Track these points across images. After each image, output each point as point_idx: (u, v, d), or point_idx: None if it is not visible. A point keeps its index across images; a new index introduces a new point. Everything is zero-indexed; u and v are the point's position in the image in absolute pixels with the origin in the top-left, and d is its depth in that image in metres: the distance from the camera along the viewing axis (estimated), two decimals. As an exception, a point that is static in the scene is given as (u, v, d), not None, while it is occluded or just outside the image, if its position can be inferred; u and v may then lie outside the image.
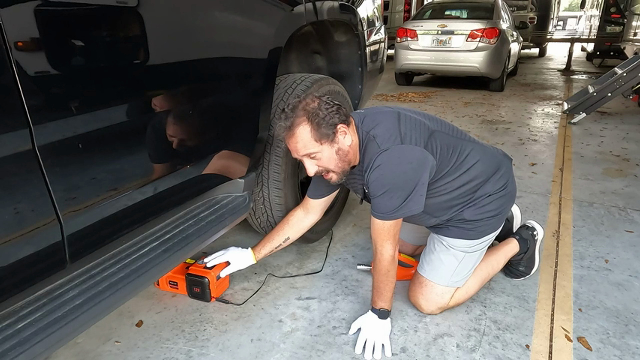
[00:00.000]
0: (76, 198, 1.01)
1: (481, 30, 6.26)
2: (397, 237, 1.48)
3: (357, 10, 2.32)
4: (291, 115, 1.37)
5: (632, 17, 7.32)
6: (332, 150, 1.40)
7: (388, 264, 1.47)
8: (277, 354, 1.47)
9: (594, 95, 4.66)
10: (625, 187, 2.89)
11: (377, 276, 1.50)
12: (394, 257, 1.48)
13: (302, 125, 1.36)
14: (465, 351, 1.48)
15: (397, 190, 1.39)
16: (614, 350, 1.48)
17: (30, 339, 0.95)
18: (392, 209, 1.41)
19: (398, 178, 1.39)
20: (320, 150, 1.39)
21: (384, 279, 1.49)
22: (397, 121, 1.45)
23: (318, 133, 1.36)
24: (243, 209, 1.63)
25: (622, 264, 1.98)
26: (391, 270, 1.48)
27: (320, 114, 1.36)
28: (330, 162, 1.42)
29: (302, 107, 1.37)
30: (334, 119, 1.37)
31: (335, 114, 1.37)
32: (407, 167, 1.39)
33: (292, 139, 1.39)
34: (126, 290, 1.15)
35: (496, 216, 1.61)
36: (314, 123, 1.35)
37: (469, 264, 1.64)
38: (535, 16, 11.23)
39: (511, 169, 1.68)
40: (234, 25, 1.44)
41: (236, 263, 1.72)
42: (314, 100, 1.39)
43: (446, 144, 1.50)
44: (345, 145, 1.42)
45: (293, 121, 1.36)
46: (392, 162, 1.38)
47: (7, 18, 0.81)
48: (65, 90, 0.96)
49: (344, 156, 1.43)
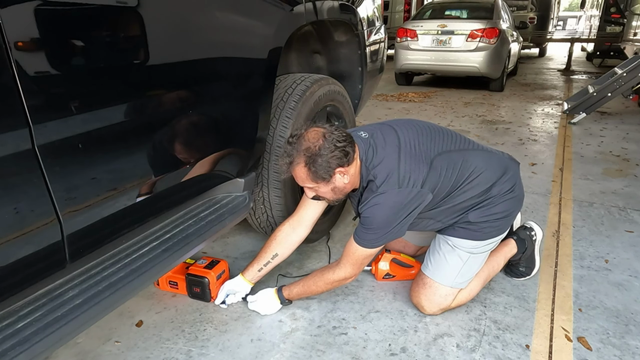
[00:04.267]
0: (76, 198, 1.02)
1: (481, 30, 6.26)
2: (361, 267, 1.55)
3: (357, 10, 2.32)
4: (292, 153, 1.38)
5: (632, 17, 7.31)
6: (328, 188, 1.45)
7: (335, 279, 1.56)
8: (277, 354, 1.47)
9: (594, 95, 4.66)
10: (625, 187, 2.89)
11: (315, 275, 1.60)
12: (345, 280, 1.56)
13: (300, 166, 1.39)
14: (465, 351, 1.48)
15: (382, 229, 1.45)
16: (614, 350, 1.48)
17: (30, 338, 0.95)
18: (371, 239, 1.47)
19: (386, 220, 1.43)
20: (317, 186, 1.45)
21: (320, 284, 1.59)
22: (397, 161, 1.44)
23: (315, 175, 1.39)
24: (243, 208, 1.63)
25: (622, 264, 1.98)
26: (330, 285, 1.58)
27: (318, 160, 1.36)
28: (327, 194, 1.49)
29: (304, 148, 1.36)
30: (332, 164, 1.37)
31: (335, 158, 1.37)
32: (399, 210, 1.43)
33: (292, 173, 1.44)
34: (126, 290, 1.15)
35: (503, 219, 1.61)
36: (311, 168, 1.37)
37: (474, 265, 1.64)
38: (535, 16, 11.22)
39: (518, 172, 1.68)
40: (234, 25, 1.44)
41: (238, 293, 1.71)
42: (317, 140, 1.37)
43: (450, 164, 1.50)
44: (342, 183, 1.45)
45: (292, 160, 1.39)
46: (387, 205, 1.42)
47: (7, 18, 0.81)
48: (65, 90, 0.96)
49: (339, 191, 1.48)
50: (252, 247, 2.15)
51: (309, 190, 1.49)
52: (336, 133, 1.39)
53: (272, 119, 1.76)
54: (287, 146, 1.40)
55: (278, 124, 1.76)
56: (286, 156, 1.40)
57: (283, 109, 1.78)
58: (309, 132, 1.39)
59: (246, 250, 2.12)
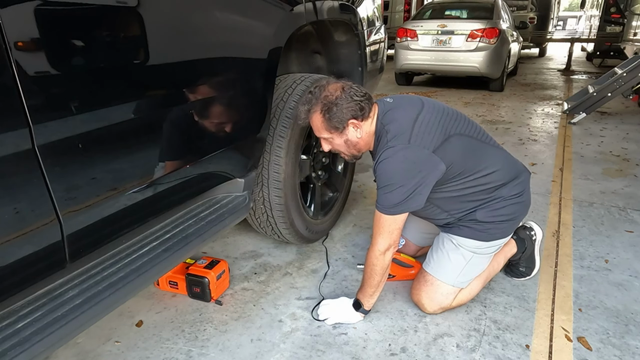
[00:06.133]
0: (76, 198, 1.01)
1: (481, 30, 6.25)
2: (393, 236, 1.49)
3: (357, 10, 2.32)
4: (311, 101, 1.49)
5: (632, 17, 7.31)
6: (342, 140, 1.53)
7: (374, 257, 1.51)
8: (277, 354, 1.47)
9: (594, 95, 4.66)
10: (625, 187, 2.89)
11: (365, 267, 1.56)
12: (383, 253, 1.50)
13: (316, 114, 1.49)
14: (465, 351, 1.48)
15: (397, 186, 1.42)
16: (614, 350, 1.48)
17: (30, 338, 0.94)
18: (392, 204, 1.45)
19: (400, 175, 1.42)
20: (331, 137, 1.53)
21: (369, 270, 1.54)
22: (413, 122, 1.47)
23: (329, 124, 1.49)
24: (243, 208, 1.63)
25: (622, 264, 1.98)
26: (376, 265, 1.51)
27: (334, 109, 1.45)
28: (340, 147, 1.57)
29: (323, 96, 1.47)
30: (346, 115, 1.46)
31: (350, 110, 1.46)
32: (410, 166, 1.43)
33: (310, 122, 1.54)
34: (126, 290, 1.15)
35: (508, 221, 1.62)
36: (326, 116, 1.47)
37: (476, 266, 1.65)
38: (535, 16, 11.21)
39: (529, 181, 1.69)
40: (234, 25, 1.44)
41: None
42: (336, 91, 1.47)
43: (467, 147, 1.52)
44: (354, 137, 1.52)
45: (311, 107, 1.49)
46: (396, 159, 1.43)
47: (7, 18, 0.81)
48: (65, 90, 0.96)
49: (352, 146, 1.55)
50: (252, 247, 2.15)
51: (325, 142, 1.57)
52: (355, 88, 1.50)
53: (272, 119, 1.76)
54: (308, 95, 1.52)
55: (278, 124, 1.76)
56: (306, 103, 1.51)
57: (283, 109, 1.78)
58: (330, 84, 1.50)
59: (246, 250, 2.12)
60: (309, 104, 1.50)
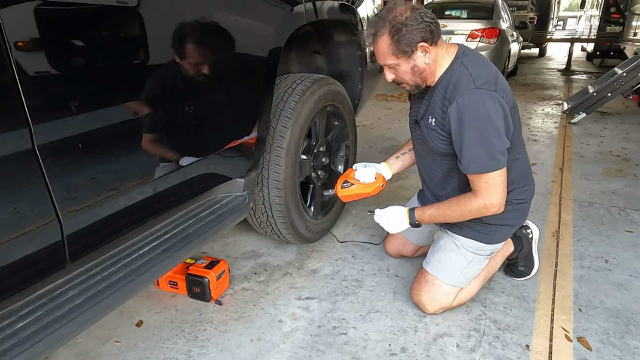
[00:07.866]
0: (76, 198, 1.01)
1: (481, 30, 6.25)
2: (499, 194, 1.42)
3: (357, 10, 2.32)
4: (378, 24, 1.40)
5: (632, 17, 7.31)
6: (408, 66, 1.43)
7: (481, 206, 1.44)
8: (277, 354, 1.47)
9: (594, 95, 4.66)
10: (625, 187, 2.89)
11: (451, 202, 1.51)
12: (482, 208, 1.45)
13: (383, 37, 1.39)
14: (465, 351, 1.48)
15: (489, 132, 1.37)
16: (614, 350, 1.48)
17: (30, 338, 0.94)
18: (487, 153, 1.37)
19: (491, 122, 1.36)
20: (397, 63, 1.43)
21: (453, 207, 1.50)
22: (496, 74, 1.43)
23: (396, 48, 1.39)
24: (243, 208, 1.63)
25: (622, 264, 1.98)
26: (471, 212, 1.47)
27: (403, 30, 1.36)
28: (405, 75, 1.46)
29: (391, 18, 1.38)
30: (415, 37, 1.37)
31: (419, 31, 1.36)
32: (501, 112, 1.37)
33: (374, 47, 1.45)
34: (126, 290, 1.15)
35: (509, 226, 1.64)
36: (394, 38, 1.37)
37: (477, 266, 1.65)
38: (535, 16, 11.21)
39: (533, 192, 1.69)
40: (234, 25, 1.44)
41: (373, 168, 1.80)
42: (405, 11, 1.38)
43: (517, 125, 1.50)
44: (422, 63, 1.43)
45: (377, 31, 1.40)
46: (489, 99, 1.36)
47: (7, 18, 0.81)
48: (65, 90, 0.96)
49: (419, 73, 1.45)
50: (252, 247, 2.15)
51: (389, 70, 1.48)
52: (424, 10, 1.41)
53: (272, 119, 1.76)
54: (375, 18, 1.43)
55: (278, 124, 1.76)
56: (372, 26, 1.42)
57: (283, 109, 1.78)
58: (398, 7, 1.40)
59: (246, 250, 2.12)
60: (374, 27, 1.40)
